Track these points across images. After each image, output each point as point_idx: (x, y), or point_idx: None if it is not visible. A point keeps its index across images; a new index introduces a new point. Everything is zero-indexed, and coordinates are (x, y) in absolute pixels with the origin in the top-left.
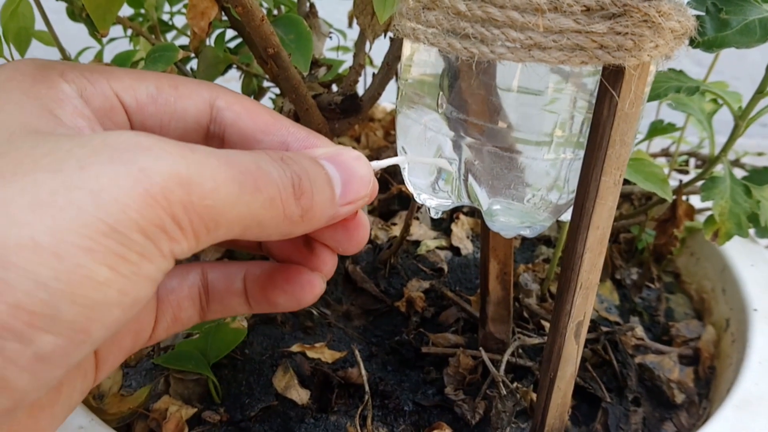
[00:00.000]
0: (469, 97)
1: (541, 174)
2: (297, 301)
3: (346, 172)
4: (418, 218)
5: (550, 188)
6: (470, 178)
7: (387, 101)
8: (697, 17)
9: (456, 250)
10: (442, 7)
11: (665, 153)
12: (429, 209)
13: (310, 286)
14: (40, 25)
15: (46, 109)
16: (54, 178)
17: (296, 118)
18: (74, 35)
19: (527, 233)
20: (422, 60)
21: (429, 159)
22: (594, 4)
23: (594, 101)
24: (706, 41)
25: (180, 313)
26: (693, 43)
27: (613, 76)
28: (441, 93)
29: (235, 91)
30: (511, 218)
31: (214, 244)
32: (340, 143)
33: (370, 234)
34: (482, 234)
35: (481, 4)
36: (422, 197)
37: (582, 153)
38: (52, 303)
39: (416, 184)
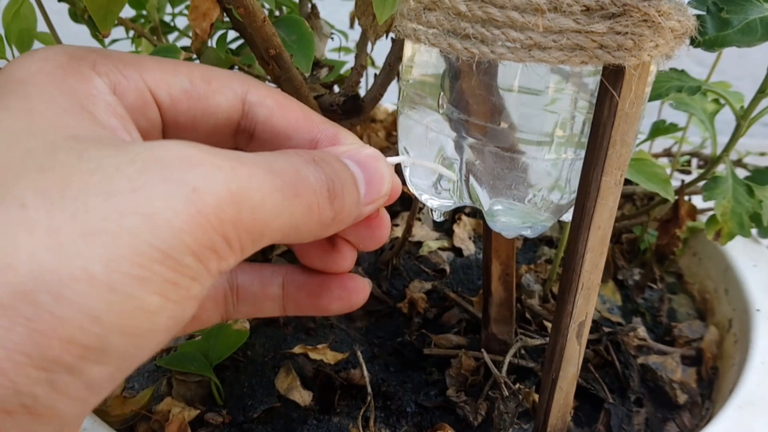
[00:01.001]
0: (470, 97)
1: (542, 174)
2: (350, 306)
3: (368, 172)
4: (420, 219)
5: (552, 188)
6: (471, 179)
7: (388, 102)
8: (698, 17)
9: (458, 251)
10: (443, 7)
11: (667, 153)
12: (431, 210)
13: (363, 291)
14: (42, 26)
15: (80, 105)
16: (105, 201)
17: None
18: (76, 36)
19: (528, 233)
20: (423, 61)
21: (433, 165)
22: (594, 4)
23: (595, 101)
24: (707, 40)
25: (202, 314)
26: (694, 42)
27: (613, 76)
28: (442, 93)
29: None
30: (512, 218)
31: None
32: None
33: None
34: (484, 235)
35: (481, 4)
36: (424, 198)
37: (583, 153)
38: (104, 336)
39: (418, 185)
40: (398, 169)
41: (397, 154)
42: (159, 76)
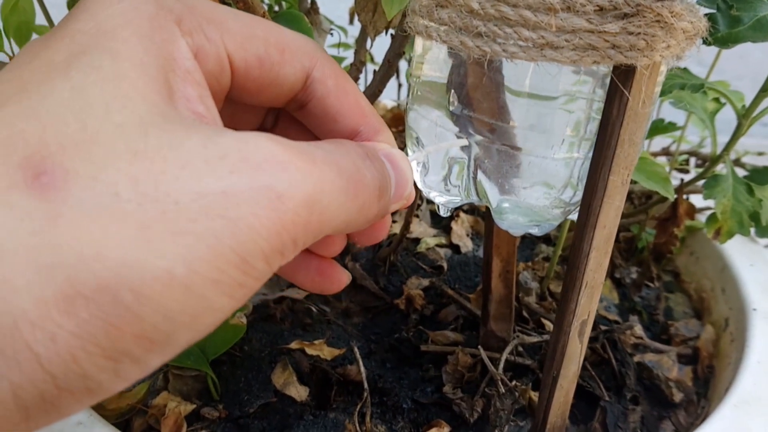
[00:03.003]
0: (479, 95)
1: (551, 173)
2: (322, 290)
3: (399, 172)
4: (418, 216)
5: (563, 187)
6: (480, 176)
7: (388, 98)
8: (709, 16)
9: (456, 248)
10: (455, 5)
11: (666, 152)
12: (438, 207)
13: (339, 282)
14: (40, 19)
15: (163, 72)
16: (195, 201)
17: None
18: None
19: (536, 232)
20: (434, 58)
21: (441, 144)
22: (607, 4)
23: None
24: (720, 38)
25: None
26: (706, 41)
27: (623, 76)
28: (453, 91)
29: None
30: (519, 216)
31: None
32: None
33: None
34: (486, 232)
35: (494, 2)
36: (432, 194)
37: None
38: (172, 333)
39: (426, 182)
40: None
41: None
42: (239, 40)
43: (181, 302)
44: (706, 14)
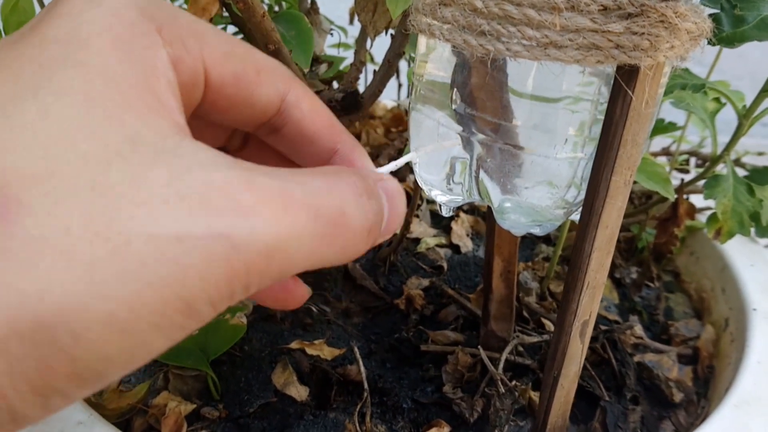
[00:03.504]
0: (483, 94)
1: (554, 172)
2: (284, 306)
3: (393, 208)
4: (418, 216)
5: (567, 187)
6: (482, 175)
7: (388, 98)
8: (713, 16)
9: (456, 248)
10: (459, 3)
11: (666, 152)
12: (440, 206)
13: (301, 298)
14: None
15: (144, 83)
16: (147, 245)
17: None
18: None
19: (537, 231)
20: (438, 57)
21: (441, 143)
22: (611, 4)
23: None
24: (725, 37)
25: None
26: (711, 41)
27: (627, 76)
28: (456, 90)
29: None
30: (521, 216)
31: None
32: None
33: None
34: (487, 231)
35: (497, 1)
36: (433, 193)
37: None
38: (105, 371)
39: (428, 180)
40: (408, 165)
41: (397, 153)
42: (218, 55)
43: (119, 345)
44: (710, 14)
